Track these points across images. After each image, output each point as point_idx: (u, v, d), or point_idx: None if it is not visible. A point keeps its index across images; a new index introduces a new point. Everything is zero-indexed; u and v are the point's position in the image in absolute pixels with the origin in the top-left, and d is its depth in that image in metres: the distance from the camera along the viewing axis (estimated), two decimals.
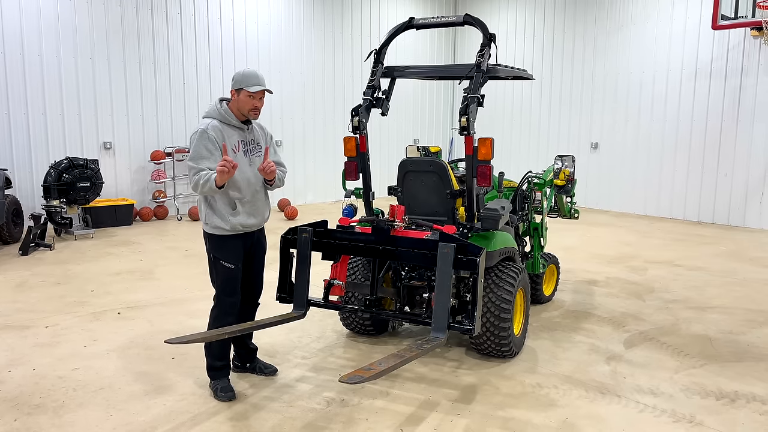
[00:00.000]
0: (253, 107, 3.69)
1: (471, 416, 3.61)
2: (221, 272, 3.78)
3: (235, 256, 3.78)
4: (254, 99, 3.67)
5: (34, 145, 9.45)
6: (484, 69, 4.16)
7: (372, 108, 4.52)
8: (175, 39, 10.67)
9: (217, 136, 3.61)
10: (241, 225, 3.74)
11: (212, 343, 3.81)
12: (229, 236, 3.74)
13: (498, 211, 4.23)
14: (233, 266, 3.77)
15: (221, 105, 3.73)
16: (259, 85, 3.65)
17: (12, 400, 3.77)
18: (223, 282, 3.79)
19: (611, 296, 6.13)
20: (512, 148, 13.43)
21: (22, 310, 5.56)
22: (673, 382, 4.10)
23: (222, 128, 3.66)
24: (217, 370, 3.86)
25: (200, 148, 3.59)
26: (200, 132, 3.61)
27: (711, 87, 10.43)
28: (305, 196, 12.58)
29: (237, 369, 4.17)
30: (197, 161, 3.59)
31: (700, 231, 9.84)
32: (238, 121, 3.73)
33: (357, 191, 4.83)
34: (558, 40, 12.63)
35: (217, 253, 3.77)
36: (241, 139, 3.75)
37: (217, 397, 3.77)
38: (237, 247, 3.79)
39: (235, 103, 3.70)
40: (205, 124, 3.65)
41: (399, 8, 13.66)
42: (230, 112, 3.70)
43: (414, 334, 5.01)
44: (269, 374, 4.14)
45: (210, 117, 3.72)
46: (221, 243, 3.75)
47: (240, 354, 4.16)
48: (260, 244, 4.00)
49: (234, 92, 3.69)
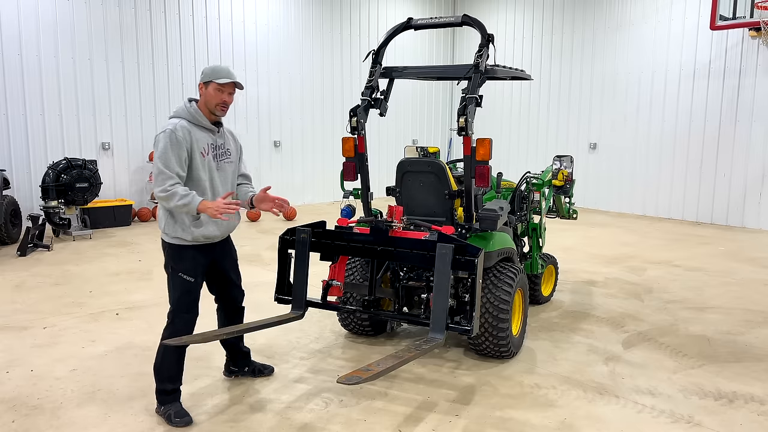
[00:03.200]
0: (222, 101, 3.47)
1: (469, 417, 3.61)
2: (179, 285, 3.51)
3: (194, 268, 3.52)
4: (223, 93, 3.46)
5: (33, 146, 9.44)
6: (483, 69, 4.16)
7: (370, 108, 4.52)
8: (174, 40, 10.66)
9: (185, 137, 3.38)
10: (203, 236, 3.49)
11: (163, 365, 3.56)
12: (189, 247, 3.50)
13: (496, 211, 4.23)
14: (192, 279, 3.51)
15: (190, 105, 3.51)
16: (229, 77, 3.46)
17: (10, 401, 3.76)
18: (180, 296, 3.52)
19: (610, 297, 6.13)
20: (510, 149, 13.44)
21: (20, 310, 5.55)
22: (671, 383, 4.10)
23: (190, 129, 3.43)
24: (167, 394, 3.56)
25: (169, 151, 3.33)
26: (168, 133, 3.36)
27: (709, 87, 10.44)
28: (303, 197, 12.58)
29: (234, 374, 4.08)
30: (168, 165, 3.32)
31: (699, 231, 9.85)
32: (208, 122, 3.51)
33: (355, 192, 4.82)
34: (556, 41, 12.64)
35: (176, 264, 3.51)
36: (211, 143, 3.52)
37: (172, 423, 3.46)
38: (197, 259, 3.54)
39: (203, 99, 3.49)
40: (173, 124, 3.40)
41: (397, 9, 13.66)
42: (200, 111, 3.49)
43: (412, 334, 5.00)
44: (267, 374, 4.10)
45: (178, 117, 3.48)
46: (181, 254, 3.50)
47: (234, 359, 4.06)
48: (228, 255, 3.78)
49: (202, 86, 3.48)
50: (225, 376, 4.10)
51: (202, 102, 3.51)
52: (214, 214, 3.28)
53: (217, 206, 3.27)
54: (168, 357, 3.55)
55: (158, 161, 3.34)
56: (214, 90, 3.45)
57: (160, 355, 3.58)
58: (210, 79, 3.46)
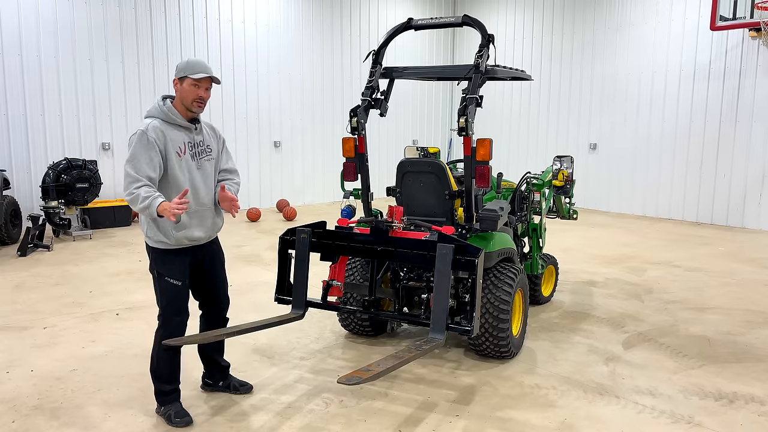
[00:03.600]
0: (198, 97, 3.32)
1: (469, 417, 3.61)
2: (166, 290, 3.43)
3: (181, 271, 3.44)
4: (199, 88, 3.31)
5: (33, 146, 9.44)
6: (483, 70, 4.16)
7: (371, 109, 4.52)
8: (174, 39, 10.66)
9: (158, 137, 3.25)
10: (186, 238, 3.40)
11: (159, 367, 3.53)
12: (174, 250, 3.41)
13: (496, 211, 4.23)
14: (180, 283, 3.43)
15: (164, 103, 3.35)
16: (205, 72, 3.31)
17: (10, 402, 3.76)
18: (169, 300, 3.45)
19: (610, 297, 6.13)
20: (511, 149, 13.44)
21: (21, 311, 5.55)
22: (671, 383, 4.10)
23: (164, 129, 3.29)
24: (166, 394, 3.54)
25: (139, 154, 3.21)
26: (139, 134, 3.23)
27: (709, 88, 10.44)
28: (304, 197, 12.58)
29: (208, 387, 3.91)
30: (136, 168, 3.20)
31: (699, 232, 9.85)
32: (184, 120, 3.36)
33: (356, 192, 4.82)
34: (557, 41, 12.64)
35: (161, 268, 3.43)
36: (188, 141, 3.38)
37: (173, 423, 3.45)
38: (183, 262, 3.45)
39: (178, 95, 3.35)
40: (145, 125, 3.27)
41: (398, 9, 13.67)
42: (174, 109, 3.33)
43: (413, 335, 5.00)
44: (244, 392, 3.87)
45: (151, 116, 3.33)
46: (165, 258, 3.42)
47: (211, 372, 3.89)
48: (215, 257, 3.67)
49: (177, 82, 3.33)
50: (201, 389, 3.94)
51: (177, 99, 3.37)
52: (169, 216, 3.10)
53: (170, 207, 3.10)
54: (162, 358, 3.52)
55: (127, 164, 3.23)
56: (190, 86, 3.31)
57: (155, 357, 3.56)
58: (185, 74, 3.30)
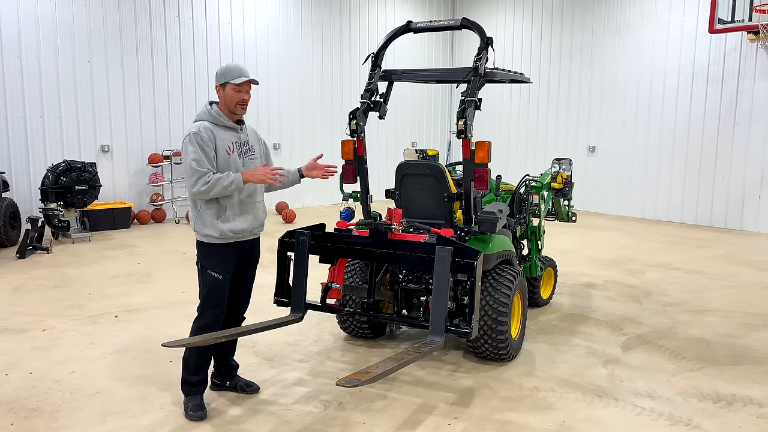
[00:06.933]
0: (241, 100, 3.57)
1: (468, 420, 3.61)
2: (207, 282, 3.62)
3: (223, 266, 3.61)
4: (241, 92, 3.55)
5: (32, 148, 9.43)
6: (482, 73, 4.17)
7: (370, 111, 4.53)
8: (174, 42, 10.67)
9: (209, 137, 3.51)
10: (231, 231, 3.57)
11: (190, 357, 3.65)
12: (218, 245, 3.59)
13: (495, 214, 4.23)
14: (220, 276, 3.60)
15: (212, 107, 3.62)
16: (244, 75, 3.54)
17: (8, 404, 3.76)
18: (208, 292, 3.62)
19: (609, 299, 6.13)
20: (510, 152, 13.45)
21: (20, 313, 5.55)
22: (670, 386, 4.11)
23: (214, 130, 3.54)
24: (192, 385, 3.67)
25: (198, 152, 3.45)
26: (193, 134, 3.49)
27: (708, 90, 10.46)
28: (303, 199, 12.57)
29: (216, 387, 3.97)
30: (199, 164, 3.45)
31: (698, 234, 9.86)
32: (231, 122, 3.61)
33: (355, 194, 4.83)
34: (555, 44, 12.66)
35: (204, 261, 3.63)
36: (235, 141, 3.63)
37: (188, 415, 3.60)
38: (228, 256, 3.62)
39: (222, 100, 3.59)
40: (196, 127, 3.53)
41: (397, 12, 13.69)
42: (221, 112, 3.59)
43: (411, 337, 5.00)
44: (251, 392, 3.93)
45: (201, 120, 3.59)
46: (209, 251, 3.61)
47: (220, 370, 3.96)
48: (252, 256, 3.82)
49: (219, 88, 3.57)
50: (209, 388, 3.94)
51: (222, 103, 3.61)
52: (262, 179, 3.51)
53: (265, 172, 3.52)
54: (195, 349, 3.64)
55: (191, 162, 3.46)
56: (232, 90, 3.54)
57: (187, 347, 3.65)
58: (225, 80, 3.54)
